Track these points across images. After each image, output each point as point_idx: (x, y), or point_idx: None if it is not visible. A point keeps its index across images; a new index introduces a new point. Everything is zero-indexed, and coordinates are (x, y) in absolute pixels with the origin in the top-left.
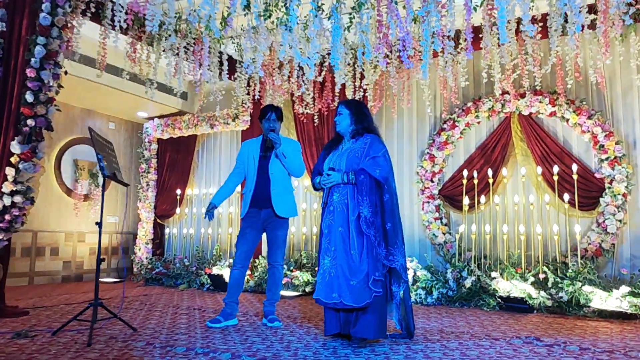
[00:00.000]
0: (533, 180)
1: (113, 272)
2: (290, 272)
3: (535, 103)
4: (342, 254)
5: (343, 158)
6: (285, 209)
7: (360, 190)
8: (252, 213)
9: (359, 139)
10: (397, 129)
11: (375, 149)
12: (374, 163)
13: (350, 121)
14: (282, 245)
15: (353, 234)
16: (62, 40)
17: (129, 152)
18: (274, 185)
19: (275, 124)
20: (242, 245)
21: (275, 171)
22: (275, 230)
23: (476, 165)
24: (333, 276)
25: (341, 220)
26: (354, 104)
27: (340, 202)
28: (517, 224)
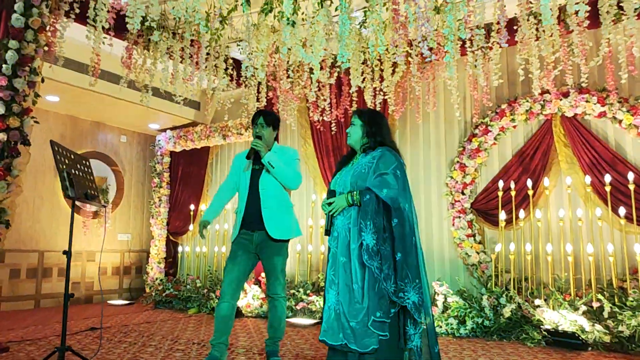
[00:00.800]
0: (580, 191)
1: (125, 293)
2: (307, 296)
3: (580, 103)
4: (344, 289)
5: (348, 176)
6: (281, 230)
7: (363, 212)
8: (244, 235)
9: (369, 154)
10: (423, 136)
11: (385, 163)
12: (382, 181)
13: (362, 133)
14: (281, 275)
15: (355, 265)
16: (39, 45)
17: (142, 166)
18: (266, 203)
19: (263, 130)
20: (231, 272)
21: (266, 186)
22: (272, 258)
23: (513, 175)
24: (339, 313)
25: (343, 248)
26: (367, 113)
27: (343, 227)
28: (563, 242)
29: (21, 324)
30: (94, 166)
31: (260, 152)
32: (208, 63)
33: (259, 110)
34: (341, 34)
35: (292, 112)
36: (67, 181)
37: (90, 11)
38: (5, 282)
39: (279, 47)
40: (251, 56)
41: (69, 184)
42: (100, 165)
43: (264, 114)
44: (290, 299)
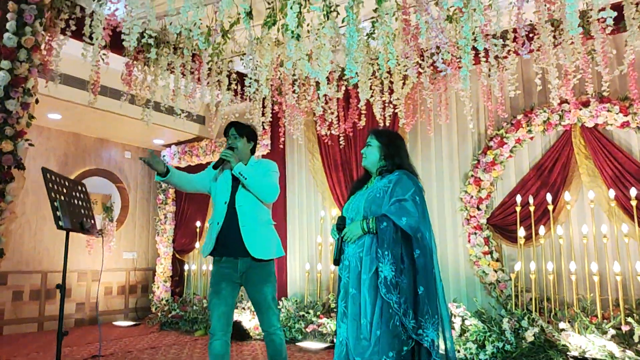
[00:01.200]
0: (604, 206)
1: (131, 313)
2: (317, 318)
3: (602, 112)
4: (352, 324)
5: (362, 200)
6: (263, 249)
7: (380, 241)
8: (227, 263)
9: (385, 177)
10: (435, 149)
11: (402, 188)
12: (400, 208)
13: (380, 155)
14: (273, 304)
15: (365, 297)
16: (33, 64)
17: (147, 182)
18: (244, 220)
19: (236, 141)
20: (218, 307)
21: (243, 202)
22: (260, 287)
23: (531, 189)
24: (350, 348)
25: (354, 279)
26: (386, 134)
27: (354, 255)
28: (587, 260)
29: (23, 350)
30: (98, 183)
31: (230, 162)
32: (210, 78)
33: (231, 121)
34: (349, 47)
35: (298, 126)
36: (60, 211)
37: (85, 28)
38: (8, 305)
39: (283, 60)
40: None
41: (61, 214)
42: (105, 183)
43: (235, 124)
44: (300, 320)
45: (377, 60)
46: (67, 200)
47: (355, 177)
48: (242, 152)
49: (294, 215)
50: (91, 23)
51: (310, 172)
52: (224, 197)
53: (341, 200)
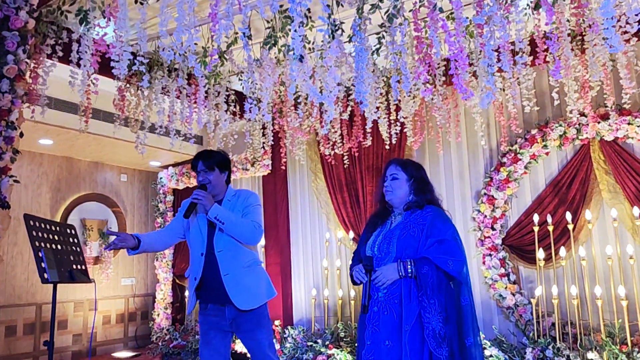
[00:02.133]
0: (628, 224)
1: (131, 342)
2: (326, 348)
3: (622, 125)
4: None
5: (393, 239)
6: (251, 297)
7: (424, 288)
8: (213, 310)
9: (415, 212)
10: (444, 166)
11: (442, 227)
12: (443, 250)
13: (409, 190)
14: (269, 351)
15: (407, 351)
16: (16, 95)
17: (144, 205)
18: (225, 268)
19: (207, 176)
20: (210, 358)
21: (223, 247)
22: (254, 333)
23: (549, 207)
24: None
25: (390, 329)
26: (414, 167)
27: (388, 303)
28: (613, 283)
29: None
30: (94, 209)
31: (204, 205)
32: (208, 100)
33: (196, 154)
34: (358, 70)
35: (300, 146)
36: (45, 263)
37: (73, 54)
38: (1, 341)
39: (283, 80)
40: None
41: (47, 266)
42: (100, 207)
43: (202, 157)
44: (308, 351)
45: (383, 78)
46: (55, 249)
47: (361, 197)
48: (217, 187)
49: (297, 239)
50: (78, 49)
51: (314, 193)
52: (199, 249)
53: (347, 222)
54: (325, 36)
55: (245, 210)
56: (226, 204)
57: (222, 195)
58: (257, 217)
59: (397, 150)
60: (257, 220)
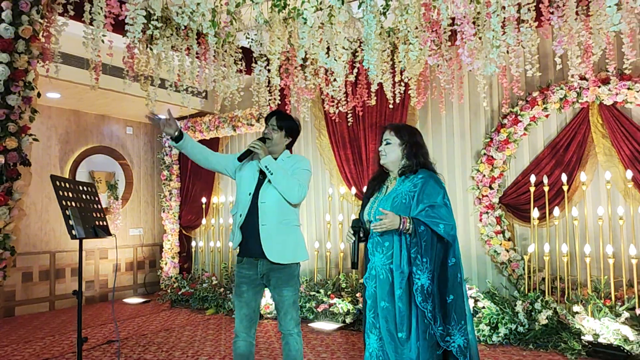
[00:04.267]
0: (620, 186)
1: (140, 289)
2: (328, 297)
3: (622, 90)
4: (387, 337)
5: (387, 205)
6: (283, 253)
7: (418, 246)
8: (247, 264)
9: (408, 178)
10: (446, 126)
11: (432, 192)
12: (434, 214)
13: (401, 154)
14: (292, 309)
15: (401, 311)
16: (32, 55)
17: (149, 158)
18: (264, 219)
19: (273, 132)
20: (240, 309)
21: (267, 199)
22: (280, 290)
23: (545, 169)
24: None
25: (385, 291)
26: (407, 131)
27: (383, 267)
28: (602, 242)
29: (37, 334)
30: (101, 161)
31: (259, 154)
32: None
33: (275, 110)
34: (366, 37)
35: (305, 104)
36: (73, 220)
37: (85, 15)
38: (19, 286)
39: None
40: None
41: (74, 223)
42: (108, 160)
43: (278, 114)
44: (311, 300)
45: (389, 39)
46: (79, 207)
47: (364, 154)
48: (276, 146)
49: None
50: (91, 9)
51: (318, 149)
52: (248, 188)
53: (349, 178)
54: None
55: (295, 171)
56: (279, 162)
57: (278, 155)
58: (304, 179)
59: (401, 109)
60: (303, 182)
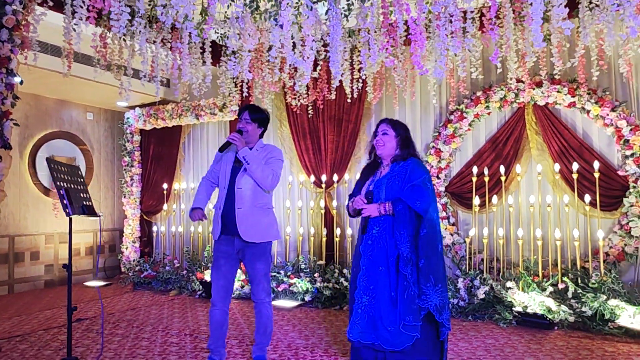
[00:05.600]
0: (550, 178)
1: (99, 273)
2: (288, 277)
3: (552, 92)
4: (382, 296)
5: (382, 186)
6: (255, 232)
7: (397, 222)
8: (225, 241)
9: (400, 164)
10: (399, 119)
11: (416, 175)
12: (413, 192)
13: (396, 145)
14: (264, 280)
15: (392, 274)
16: (15, 44)
17: (110, 144)
18: (240, 203)
19: (247, 125)
20: (217, 280)
21: (243, 185)
22: (253, 263)
23: (486, 161)
24: (375, 317)
25: (382, 257)
26: (401, 126)
27: (380, 237)
28: (533, 226)
29: (1, 315)
30: (61, 146)
31: (237, 146)
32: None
33: (247, 104)
34: (332, 42)
35: (268, 95)
36: (67, 200)
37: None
38: None
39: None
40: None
41: (68, 202)
42: (68, 145)
43: (250, 108)
44: (272, 280)
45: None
46: (70, 187)
47: (323, 144)
48: (251, 136)
49: None
50: (72, 2)
51: (279, 139)
52: (223, 182)
53: (308, 167)
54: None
55: (269, 161)
56: (254, 152)
57: (253, 145)
58: (277, 168)
59: (358, 103)
60: (276, 171)
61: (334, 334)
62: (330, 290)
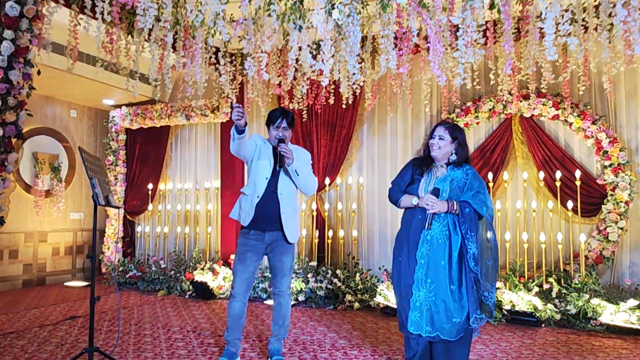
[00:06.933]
0: (534, 185)
1: (79, 273)
2: None
3: (538, 105)
4: (444, 290)
5: (446, 186)
6: (295, 234)
7: (466, 223)
8: (255, 236)
9: (458, 169)
10: (391, 127)
11: (478, 182)
12: (479, 200)
13: (452, 150)
14: (288, 273)
15: (455, 269)
16: (33, 34)
17: (92, 142)
18: (284, 208)
19: (285, 132)
20: (242, 273)
21: (284, 190)
22: (282, 256)
23: (474, 168)
24: (433, 311)
25: (443, 253)
26: (459, 131)
27: (441, 234)
28: (519, 230)
29: None
30: (45, 143)
31: (287, 159)
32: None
33: (278, 109)
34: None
35: (264, 98)
36: (97, 189)
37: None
38: None
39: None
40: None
41: (98, 192)
42: (51, 142)
43: (286, 114)
44: (264, 280)
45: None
46: (98, 178)
47: (316, 148)
48: (288, 142)
49: None
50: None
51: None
52: (265, 173)
53: None
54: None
55: (305, 166)
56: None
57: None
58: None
59: (352, 109)
60: (315, 178)
61: (335, 330)
62: (324, 290)
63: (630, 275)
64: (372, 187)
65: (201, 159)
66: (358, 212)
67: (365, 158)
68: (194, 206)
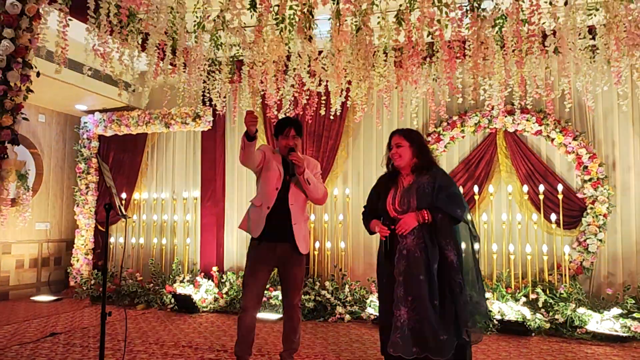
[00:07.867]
0: (517, 198)
1: (44, 287)
2: (267, 291)
3: (522, 121)
4: (427, 306)
5: (411, 196)
6: (306, 245)
7: (443, 232)
8: (266, 248)
9: (424, 173)
10: (377, 137)
11: (447, 183)
12: (450, 201)
13: (412, 154)
14: (300, 285)
15: (435, 282)
16: (33, 34)
17: (61, 149)
18: (296, 219)
19: (295, 141)
20: (253, 286)
21: (295, 201)
22: (294, 268)
23: (460, 181)
24: (416, 330)
25: (421, 266)
26: (415, 135)
27: (417, 246)
28: (505, 242)
29: None
30: None
31: (299, 168)
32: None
33: (286, 118)
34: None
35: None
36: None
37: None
38: None
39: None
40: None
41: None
42: (18, 148)
43: (295, 125)
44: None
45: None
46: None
47: None
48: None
49: (232, 191)
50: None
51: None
52: (275, 183)
53: None
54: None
55: (315, 175)
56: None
57: None
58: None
59: (339, 121)
60: (325, 188)
61: (335, 343)
62: (313, 302)
63: (607, 285)
64: (358, 199)
65: (179, 167)
66: (344, 224)
67: (350, 169)
68: (171, 217)
